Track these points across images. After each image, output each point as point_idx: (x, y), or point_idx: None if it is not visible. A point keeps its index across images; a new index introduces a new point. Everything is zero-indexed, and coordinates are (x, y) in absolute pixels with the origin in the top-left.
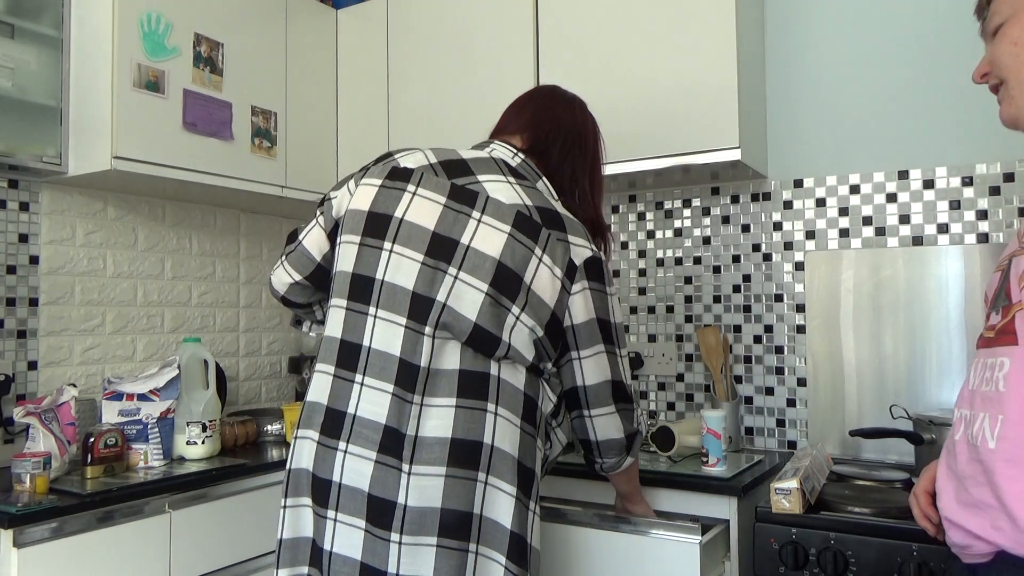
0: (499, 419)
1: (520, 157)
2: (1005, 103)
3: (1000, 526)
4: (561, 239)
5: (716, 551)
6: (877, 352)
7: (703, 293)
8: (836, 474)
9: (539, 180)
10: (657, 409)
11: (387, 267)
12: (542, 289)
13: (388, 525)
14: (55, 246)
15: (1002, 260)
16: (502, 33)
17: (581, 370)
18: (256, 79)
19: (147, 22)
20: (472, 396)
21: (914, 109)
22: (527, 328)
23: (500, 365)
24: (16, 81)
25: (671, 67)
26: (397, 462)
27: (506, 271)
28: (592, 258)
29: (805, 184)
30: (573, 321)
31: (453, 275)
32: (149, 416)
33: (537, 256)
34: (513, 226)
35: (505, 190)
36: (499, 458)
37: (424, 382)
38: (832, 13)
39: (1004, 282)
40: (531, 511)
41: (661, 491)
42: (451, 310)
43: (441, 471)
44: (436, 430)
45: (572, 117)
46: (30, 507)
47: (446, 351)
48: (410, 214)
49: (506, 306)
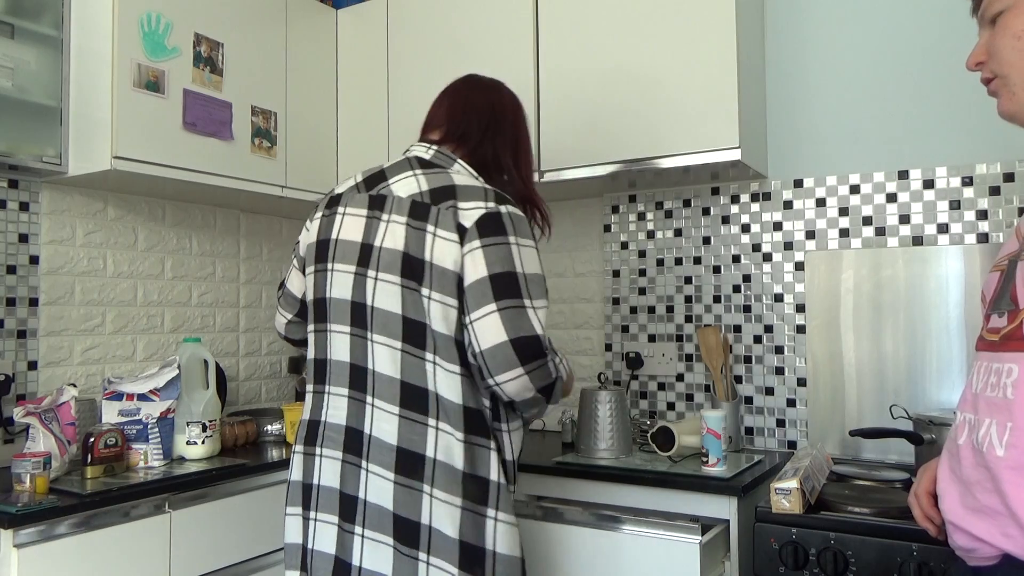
0: (440, 433)
1: (434, 149)
2: (1005, 98)
3: (1009, 533)
4: (450, 207)
5: (716, 551)
6: (877, 352)
7: (703, 293)
8: (836, 474)
9: (454, 164)
10: (657, 409)
11: (331, 284)
12: (442, 258)
13: (352, 519)
14: (55, 246)
15: (1000, 259)
16: (502, 33)
17: (475, 335)
18: (256, 79)
19: (147, 22)
20: (414, 409)
21: (914, 109)
22: (439, 304)
23: (436, 376)
24: (16, 81)
25: (671, 67)
26: (357, 459)
27: (410, 259)
28: (486, 214)
29: (805, 184)
30: (465, 283)
31: (374, 277)
32: (149, 416)
33: (430, 232)
34: (409, 215)
35: (407, 185)
36: (442, 471)
37: (372, 384)
38: (832, 13)
39: (1007, 284)
40: (490, 518)
41: (661, 491)
42: (379, 311)
43: (391, 476)
44: (385, 435)
45: (487, 98)
46: (30, 507)
47: (387, 357)
48: (342, 233)
49: (418, 289)
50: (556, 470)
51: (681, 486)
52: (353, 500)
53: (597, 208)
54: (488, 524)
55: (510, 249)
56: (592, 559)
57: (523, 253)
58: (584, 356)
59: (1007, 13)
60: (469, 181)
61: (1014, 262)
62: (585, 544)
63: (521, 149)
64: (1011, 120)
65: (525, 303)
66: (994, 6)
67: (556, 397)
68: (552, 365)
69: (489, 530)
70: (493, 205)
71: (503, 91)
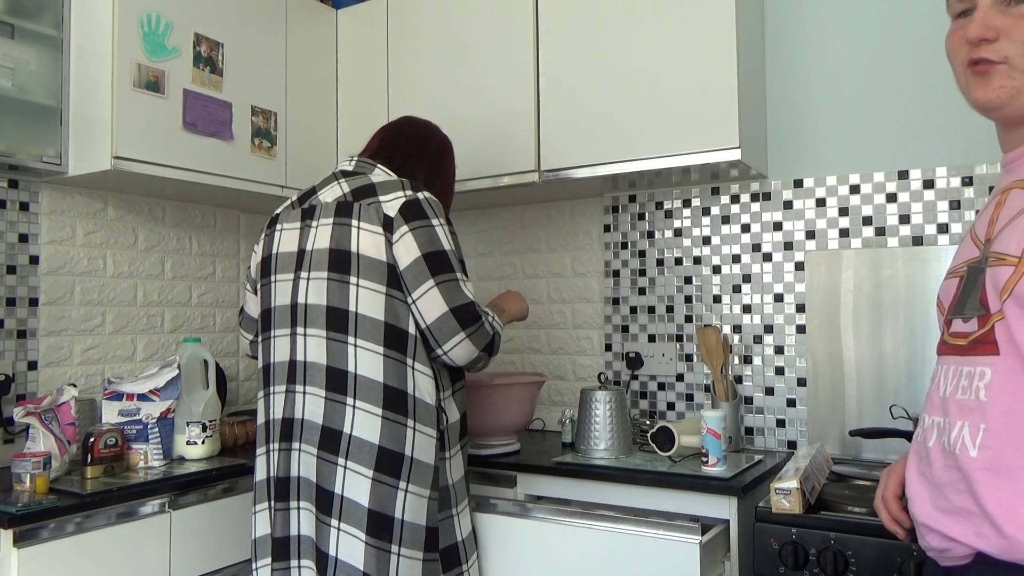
0: (357, 411)
1: (356, 160)
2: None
3: (983, 532)
4: (372, 202)
5: (716, 551)
6: (877, 352)
7: (703, 293)
8: (836, 474)
9: (374, 169)
10: (657, 409)
11: (275, 295)
12: (368, 248)
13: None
14: (55, 246)
15: (958, 266)
16: (502, 33)
17: (419, 311)
18: (256, 79)
19: (147, 22)
20: (335, 390)
21: (914, 109)
22: (367, 290)
23: (358, 357)
24: (16, 81)
25: (671, 67)
26: (289, 444)
27: (337, 253)
28: (406, 202)
29: (805, 184)
30: (400, 267)
31: (305, 277)
32: (149, 416)
33: (355, 226)
34: (335, 215)
35: (332, 192)
36: (357, 446)
37: (304, 374)
38: (832, 13)
39: (969, 290)
40: (402, 490)
41: (661, 491)
42: (309, 306)
43: (314, 452)
44: (314, 416)
45: (417, 131)
46: (30, 507)
47: (315, 346)
48: (281, 247)
49: (346, 280)
50: (556, 470)
51: (681, 486)
52: (285, 481)
53: (597, 208)
54: (400, 495)
55: (435, 230)
56: (592, 559)
57: (446, 232)
58: (584, 356)
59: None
60: (386, 178)
61: (975, 268)
62: (585, 544)
63: (439, 179)
64: (993, 109)
65: (458, 276)
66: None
67: (496, 349)
68: (488, 325)
69: (400, 501)
70: (411, 193)
71: (435, 131)
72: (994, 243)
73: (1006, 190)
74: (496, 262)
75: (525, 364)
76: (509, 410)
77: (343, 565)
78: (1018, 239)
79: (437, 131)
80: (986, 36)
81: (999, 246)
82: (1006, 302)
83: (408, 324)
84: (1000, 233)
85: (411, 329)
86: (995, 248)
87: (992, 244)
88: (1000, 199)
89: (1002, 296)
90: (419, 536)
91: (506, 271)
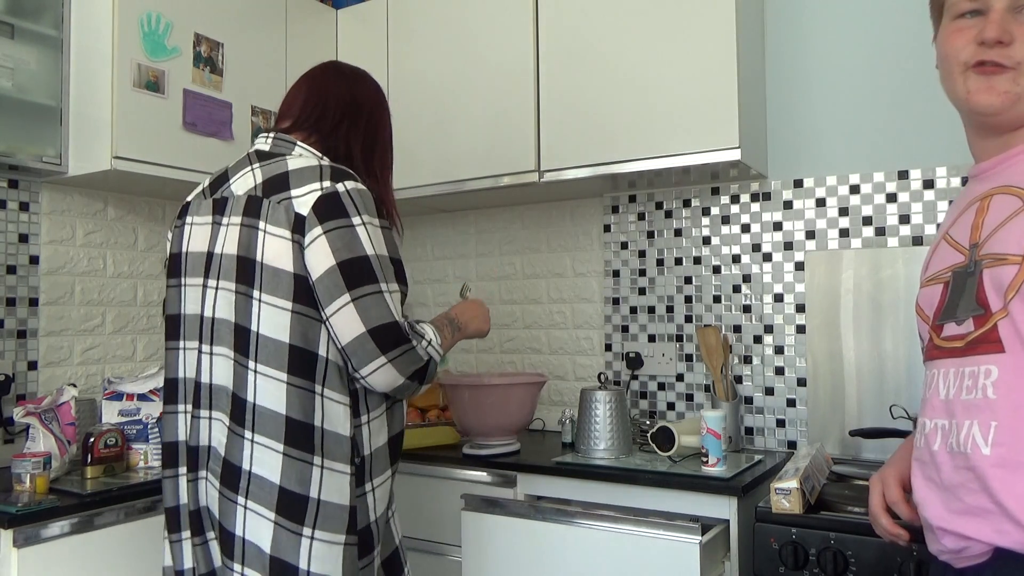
0: (256, 445)
1: (273, 137)
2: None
3: (1003, 529)
4: (283, 199)
5: (716, 551)
6: (877, 352)
7: (703, 293)
8: (836, 474)
9: (293, 148)
10: (657, 409)
11: (185, 300)
12: (274, 257)
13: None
14: (55, 246)
15: (940, 272)
16: (502, 33)
17: (334, 330)
18: (256, 79)
19: (147, 22)
20: (236, 422)
21: (914, 109)
22: (269, 307)
23: (257, 385)
24: (16, 81)
25: (671, 67)
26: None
27: (243, 261)
28: (321, 196)
29: (805, 184)
30: (313, 278)
31: (213, 287)
32: (149, 416)
33: (261, 229)
34: (243, 214)
35: (244, 181)
36: (257, 484)
37: (209, 398)
38: (832, 13)
39: (962, 293)
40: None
41: (661, 491)
42: (217, 320)
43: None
44: (219, 446)
45: (345, 90)
46: (30, 507)
47: (221, 367)
48: (191, 244)
49: (250, 295)
50: (556, 470)
51: (681, 486)
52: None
53: (597, 208)
54: (303, 543)
55: (355, 231)
56: (592, 559)
57: (371, 233)
58: (584, 356)
59: None
60: (305, 163)
61: (962, 272)
62: (585, 544)
63: (377, 145)
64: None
65: (382, 288)
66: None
67: (431, 378)
68: (421, 349)
69: (304, 549)
70: (329, 184)
71: (369, 85)
72: (986, 245)
73: (986, 196)
74: (496, 262)
75: (525, 364)
76: (509, 410)
77: None
78: (1018, 239)
79: (367, 79)
80: (1003, 39)
81: (994, 248)
82: (1012, 300)
83: (319, 346)
84: (993, 236)
85: (323, 351)
86: (989, 250)
87: (983, 247)
88: (981, 205)
89: (1007, 295)
90: None
91: (506, 271)
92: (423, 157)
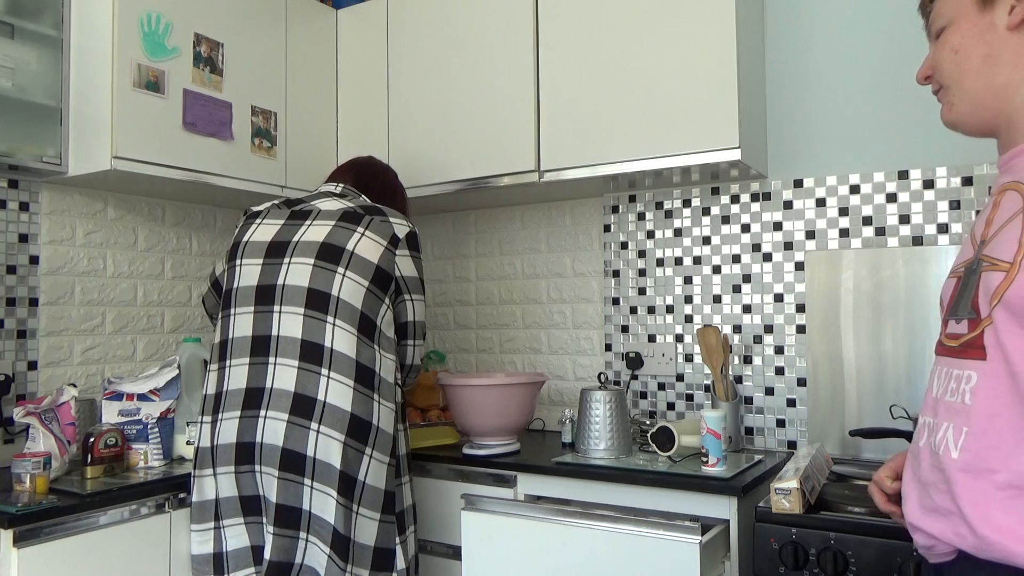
0: (332, 381)
1: (342, 187)
2: (946, 108)
3: (961, 532)
4: (384, 220)
5: (716, 551)
6: (877, 352)
7: (703, 293)
8: (836, 474)
9: (360, 197)
10: (657, 409)
11: (240, 276)
12: (365, 251)
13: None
14: (55, 246)
15: (957, 266)
16: (502, 33)
17: (413, 308)
18: (256, 79)
19: (147, 22)
20: (311, 361)
21: (914, 109)
22: (352, 281)
23: (335, 335)
24: (16, 81)
25: (671, 67)
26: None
27: (328, 247)
28: (411, 232)
29: (805, 184)
30: (403, 273)
31: (287, 262)
32: (149, 416)
33: (359, 232)
34: (338, 220)
35: (334, 203)
36: (330, 412)
37: (276, 348)
38: (832, 13)
39: (964, 291)
40: (366, 455)
41: (661, 491)
42: (289, 287)
43: (284, 417)
44: (285, 384)
45: (386, 176)
46: (30, 507)
47: (291, 322)
48: (255, 236)
49: (331, 268)
50: (555, 470)
51: (681, 486)
52: (250, 446)
53: (597, 208)
54: (365, 460)
55: (421, 263)
56: (592, 559)
57: (422, 266)
58: (584, 356)
59: (947, 29)
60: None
61: (970, 270)
62: (585, 544)
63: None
64: (954, 128)
65: (424, 301)
66: (937, 22)
67: (413, 376)
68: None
69: (364, 464)
70: (412, 227)
71: (396, 176)
72: (987, 246)
73: (1001, 191)
74: (496, 262)
75: (525, 364)
76: (509, 410)
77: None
78: (1010, 245)
79: (391, 174)
80: (927, 74)
81: (992, 250)
82: (995, 308)
83: (378, 318)
84: (994, 237)
85: (379, 323)
86: (988, 252)
87: (985, 247)
88: (996, 200)
89: (992, 302)
90: (379, 498)
91: (506, 271)
92: (423, 157)
